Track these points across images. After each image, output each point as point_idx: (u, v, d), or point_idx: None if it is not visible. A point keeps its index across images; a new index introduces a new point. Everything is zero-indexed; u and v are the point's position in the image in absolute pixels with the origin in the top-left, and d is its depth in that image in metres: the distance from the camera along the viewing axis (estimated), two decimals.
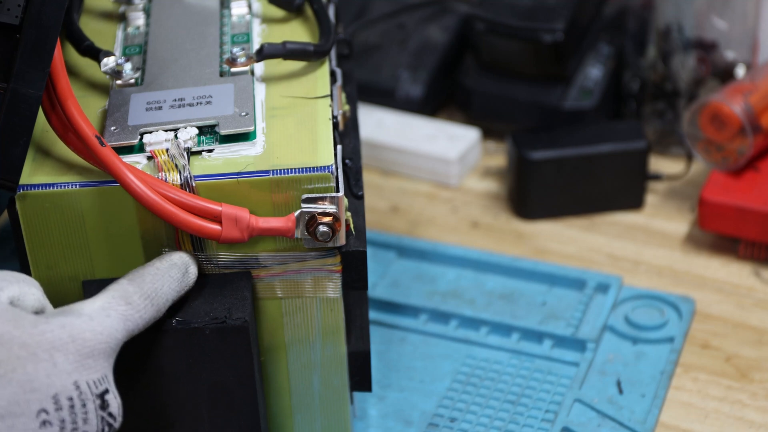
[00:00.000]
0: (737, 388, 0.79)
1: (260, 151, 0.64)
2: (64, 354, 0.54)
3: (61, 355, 0.54)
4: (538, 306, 0.86)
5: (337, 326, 0.67)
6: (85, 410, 0.55)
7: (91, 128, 0.61)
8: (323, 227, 0.62)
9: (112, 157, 0.61)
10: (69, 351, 0.55)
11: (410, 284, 0.88)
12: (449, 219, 0.96)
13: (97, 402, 0.55)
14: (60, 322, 0.55)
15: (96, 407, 0.55)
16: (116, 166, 0.60)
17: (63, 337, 0.55)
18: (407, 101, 1.05)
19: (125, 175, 0.60)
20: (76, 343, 0.55)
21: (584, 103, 1.00)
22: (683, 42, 0.97)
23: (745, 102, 0.90)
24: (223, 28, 0.73)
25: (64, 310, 0.57)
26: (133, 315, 0.58)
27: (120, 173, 0.60)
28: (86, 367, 0.55)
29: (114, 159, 0.61)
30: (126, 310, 0.58)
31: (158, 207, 0.60)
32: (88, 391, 0.55)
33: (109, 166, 0.61)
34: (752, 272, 0.89)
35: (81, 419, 0.54)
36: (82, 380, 0.55)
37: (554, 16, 0.99)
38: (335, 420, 0.70)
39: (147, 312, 0.59)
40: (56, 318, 0.56)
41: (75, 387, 0.54)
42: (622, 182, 0.95)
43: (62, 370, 0.54)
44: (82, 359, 0.55)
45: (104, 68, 0.68)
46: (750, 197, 0.88)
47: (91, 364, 0.55)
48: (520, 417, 0.77)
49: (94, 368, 0.55)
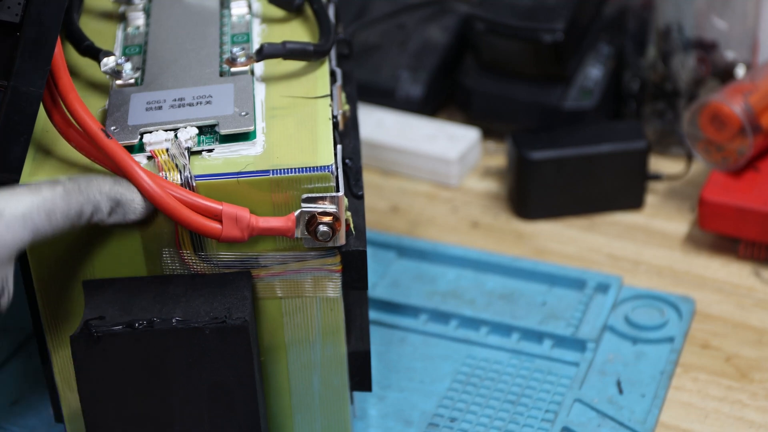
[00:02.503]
0: (737, 388, 0.79)
1: (260, 150, 0.64)
2: None
3: None
4: (538, 306, 0.86)
5: (337, 326, 0.67)
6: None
7: (95, 122, 0.61)
8: (323, 227, 0.62)
9: (118, 150, 0.61)
10: None
11: (410, 284, 0.88)
12: (449, 219, 0.96)
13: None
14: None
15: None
16: (123, 158, 0.61)
17: None
18: (407, 101, 1.05)
19: (132, 167, 0.60)
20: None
21: (584, 103, 1.00)
22: (683, 42, 0.97)
23: (745, 102, 0.90)
24: (223, 28, 0.73)
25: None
26: (46, 230, 0.57)
27: (127, 165, 0.60)
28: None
29: (120, 151, 0.61)
30: (42, 224, 0.56)
31: (163, 201, 0.60)
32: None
33: (115, 159, 0.61)
34: (752, 272, 0.89)
35: None
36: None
37: (554, 16, 0.99)
38: (335, 420, 0.70)
39: (61, 229, 0.57)
40: None
41: None
42: (622, 182, 0.95)
43: None
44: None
45: (104, 68, 0.68)
46: (750, 197, 0.88)
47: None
48: (520, 417, 0.77)
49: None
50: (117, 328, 0.61)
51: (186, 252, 0.64)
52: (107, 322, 0.61)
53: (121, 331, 0.61)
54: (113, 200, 0.60)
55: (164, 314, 0.62)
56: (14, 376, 0.81)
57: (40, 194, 0.57)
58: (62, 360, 0.67)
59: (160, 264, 0.64)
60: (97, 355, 0.61)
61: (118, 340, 0.61)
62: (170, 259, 0.64)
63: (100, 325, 0.61)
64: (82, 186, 0.59)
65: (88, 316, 0.62)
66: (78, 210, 0.58)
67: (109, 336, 0.61)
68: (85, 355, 0.61)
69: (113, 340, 0.61)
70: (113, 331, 0.61)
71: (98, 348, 0.61)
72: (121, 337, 0.61)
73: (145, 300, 0.63)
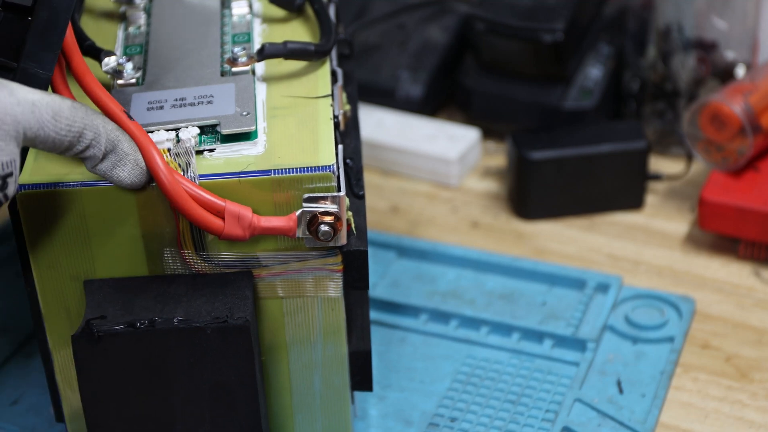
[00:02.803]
0: (737, 388, 0.79)
1: (261, 150, 0.64)
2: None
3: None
4: (538, 306, 0.86)
5: (338, 326, 0.67)
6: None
7: (116, 103, 0.61)
8: (324, 227, 0.62)
9: (139, 132, 0.61)
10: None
11: (410, 284, 0.88)
12: (449, 219, 0.96)
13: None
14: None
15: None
16: (143, 140, 0.61)
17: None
18: (407, 101, 1.05)
19: (150, 150, 0.60)
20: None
21: (584, 103, 1.00)
22: (683, 42, 0.97)
23: (745, 102, 0.90)
24: (224, 28, 0.73)
25: (2, 83, 0.56)
26: (49, 129, 0.57)
27: (146, 147, 0.61)
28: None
29: (141, 133, 0.61)
30: (48, 121, 0.57)
31: (173, 188, 0.60)
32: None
33: (136, 139, 0.61)
34: (752, 272, 0.89)
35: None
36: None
37: (554, 16, 0.99)
38: (336, 420, 0.70)
39: (61, 140, 0.57)
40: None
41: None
42: (622, 182, 0.95)
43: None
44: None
45: (105, 68, 0.68)
46: (750, 197, 0.88)
47: (3, 146, 0.55)
48: (520, 417, 0.77)
49: (5, 151, 0.55)
50: (118, 327, 0.61)
51: (187, 252, 0.64)
52: (109, 321, 0.61)
53: (122, 331, 0.61)
54: (111, 142, 0.60)
55: (166, 314, 0.62)
56: (14, 376, 0.81)
57: (51, 95, 0.57)
58: (63, 359, 0.67)
59: (162, 264, 0.64)
60: (98, 355, 0.61)
61: (119, 340, 0.61)
62: (171, 259, 0.64)
63: (101, 324, 0.61)
64: (90, 111, 0.59)
65: (90, 315, 0.62)
66: (80, 128, 0.58)
67: (110, 335, 0.61)
68: (86, 355, 0.61)
69: (114, 339, 0.61)
70: (114, 331, 0.61)
71: (99, 347, 0.61)
72: (122, 337, 0.61)
73: (146, 300, 0.63)
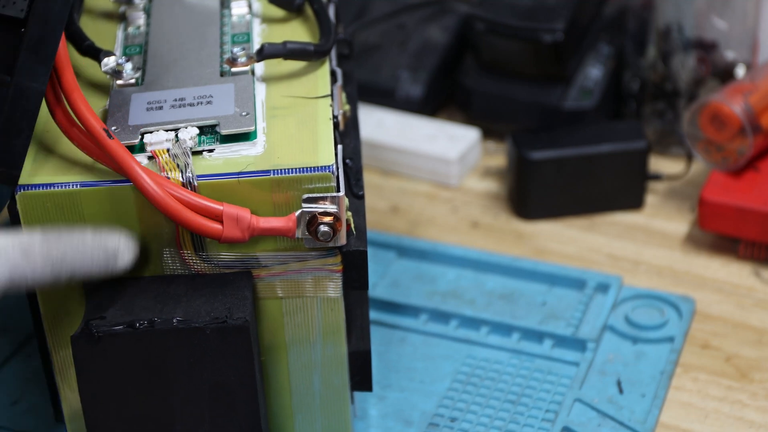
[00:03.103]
0: (737, 388, 0.79)
1: (261, 150, 0.64)
2: None
3: None
4: (538, 306, 0.86)
5: (338, 326, 0.67)
6: None
7: (98, 121, 0.61)
8: (324, 227, 0.62)
9: (119, 150, 0.61)
10: None
11: (410, 284, 0.88)
12: (449, 219, 0.96)
13: None
14: None
15: None
16: (124, 158, 0.61)
17: None
18: (407, 101, 1.05)
19: (133, 167, 0.60)
20: None
21: (584, 103, 1.00)
22: (683, 42, 0.97)
23: (745, 102, 0.90)
24: (223, 28, 0.73)
25: None
26: (24, 269, 0.57)
27: (128, 165, 0.60)
28: None
29: (122, 151, 0.61)
30: (19, 262, 0.57)
31: (164, 202, 0.60)
32: None
33: (117, 158, 0.61)
34: (752, 272, 0.89)
35: None
36: None
37: (554, 16, 0.99)
38: (336, 420, 0.70)
39: (42, 274, 0.58)
40: None
41: None
42: (622, 182, 0.95)
43: None
44: None
45: (105, 68, 0.68)
46: (750, 197, 0.88)
47: None
48: (520, 417, 0.77)
49: None
50: (118, 327, 0.61)
51: (187, 252, 0.64)
52: (108, 321, 0.61)
53: (121, 331, 0.61)
54: (104, 250, 0.60)
55: (165, 314, 0.62)
56: (14, 376, 0.81)
57: (18, 236, 0.58)
58: (63, 360, 0.67)
59: (161, 264, 0.64)
60: (97, 355, 0.61)
61: (118, 340, 0.61)
62: (171, 259, 0.64)
63: (100, 324, 0.61)
64: (64, 233, 0.59)
65: (89, 315, 0.62)
66: (60, 253, 0.58)
67: (109, 336, 0.61)
68: (85, 355, 0.61)
69: (114, 339, 0.61)
70: (114, 331, 0.61)
71: (99, 348, 0.61)
72: (121, 337, 0.61)
73: (145, 300, 0.63)
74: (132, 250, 0.62)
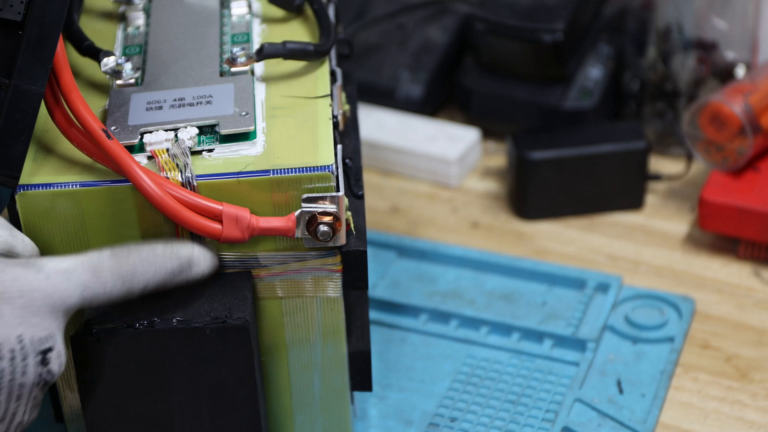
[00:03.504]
0: (737, 388, 0.79)
1: (260, 150, 0.64)
2: (11, 307, 0.55)
3: (9, 307, 0.55)
4: (538, 306, 0.86)
5: (338, 326, 0.67)
6: (25, 363, 0.55)
7: (97, 122, 0.61)
8: (324, 227, 0.62)
9: (119, 150, 0.61)
10: (16, 305, 0.55)
11: (410, 284, 0.88)
12: (449, 219, 0.96)
13: (38, 358, 0.56)
14: (14, 274, 0.55)
15: (36, 362, 0.56)
16: (123, 158, 0.61)
17: (12, 290, 0.55)
18: (407, 101, 1.05)
19: (132, 168, 0.60)
20: (24, 299, 0.55)
21: (584, 103, 1.00)
22: (683, 42, 0.97)
23: (745, 102, 0.90)
24: (223, 28, 0.73)
25: (27, 262, 0.57)
26: (95, 288, 0.58)
27: (127, 166, 0.60)
28: (32, 325, 0.55)
29: (121, 152, 0.61)
30: (89, 281, 0.58)
31: (163, 202, 0.60)
32: (30, 347, 0.55)
33: (116, 159, 0.61)
34: (752, 272, 0.89)
35: (20, 372, 0.55)
36: (26, 335, 0.55)
37: (554, 16, 0.99)
38: (336, 420, 0.70)
39: (113, 290, 0.58)
40: (13, 268, 0.56)
41: (18, 341, 0.55)
42: (622, 182, 0.95)
43: (7, 322, 0.55)
44: (28, 316, 0.55)
45: (104, 68, 0.68)
46: (750, 197, 0.88)
47: (38, 323, 0.56)
48: (520, 417, 0.77)
49: (40, 326, 0.56)
50: (117, 327, 0.61)
51: None
52: (108, 321, 0.61)
53: (121, 331, 0.61)
54: (177, 259, 0.61)
55: (165, 314, 0.62)
56: None
57: (86, 255, 0.58)
58: None
59: None
60: (97, 355, 0.61)
61: (118, 340, 0.61)
62: None
63: (100, 324, 0.61)
64: (133, 247, 0.60)
65: (89, 315, 0.62)
66: (130, 269, 0.59)
67: (109, 336, 0.61)
68: (85, 355, 0.61)
69: (114, 339, 0.61)
70: (114, 331, 0.61)
71: (99, 348, 0.61)
72: (121, 337, 0.61)
73: (145, 300, 0.63)
74: (209, 258, 0.62)
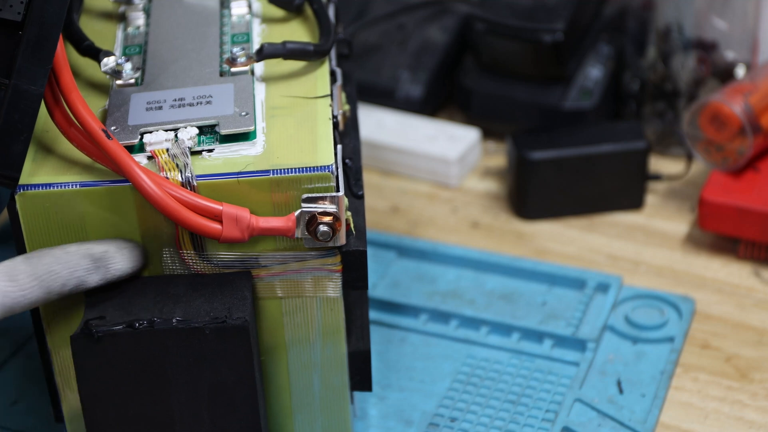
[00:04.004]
0: (737, 389, 0.79)
1: (260, 150, 0.64)
2: None
3: None
4: (538, 306, 0.86)
5: (338, 326, 0.67)
6: None
7: (97, 122, 0.61)
8: (323, 227, 0.62)
9: (118, 150, 0.61)
10: None
11: (410, 284, 0.88)
12: (449, 219, 0.96)
13: None
14: None
15: None
16: (123, 158, 0.61)
17: None
18: (407, 101, 1.05)
19: (132, 168, 0.60)
20: None
21: (584, 103, 1.00)
22: (683, 42, 0.97)
23: (745, 102, 0.90)
24: (223, 28, 0.73)
25: None
26: (14, 293, 0.58)
27: (127, 166, 0.60)
28: None
29: (121, 152, 0.61)
30: (6, 287, 0.57)
31: (163, 202, 0.60)
32: None
33: (115, 159, 0.61)
34: (752, 272, 0.89)
35: None
36: None
37: (554, 16, 0.99)
38: (335, 420, 0.70)
39: (32, 293, 0.58)
40: None
41: None
42: (622, 182, 0.95)
43: None
44: None
45: (104, 68, 0.68)
46: (750, 197, 0.88)
47: None
48: (520, 417, 0.77)
49: None
50: (117, 327, 0.61)
51: (186, 252, 0.64)
52: (107, 321, 0.61)
53: (121, 331, 0.61)
54: (89, 257, 0.60)
55: (164, 314, 0.62)
56: (14, 376, 0.81)
57: (1, 264, 0.58)
58: (62, 360, 0.67)
59: (161, 264, 0.64)
60: (97, 355, 0.61)
61: (118, 340, 0.61)
62: (170, 259, 0.64)
63: (100, 324, 0.61)
64: (45, 249, 0.60)
65: (89, 315, 0.62)
66: (45, 269, 0.58)
67: (109, 336, 0.61)
68: (85, 355, 0.61)
69: (113, 339, 0.61)
70: (113, 331, 0.61)
71: (98, 348, 0.61)
72: (121, 337, 0.61)
73: (145, 300, 0.63)
74: (126, 256, 0.62)
